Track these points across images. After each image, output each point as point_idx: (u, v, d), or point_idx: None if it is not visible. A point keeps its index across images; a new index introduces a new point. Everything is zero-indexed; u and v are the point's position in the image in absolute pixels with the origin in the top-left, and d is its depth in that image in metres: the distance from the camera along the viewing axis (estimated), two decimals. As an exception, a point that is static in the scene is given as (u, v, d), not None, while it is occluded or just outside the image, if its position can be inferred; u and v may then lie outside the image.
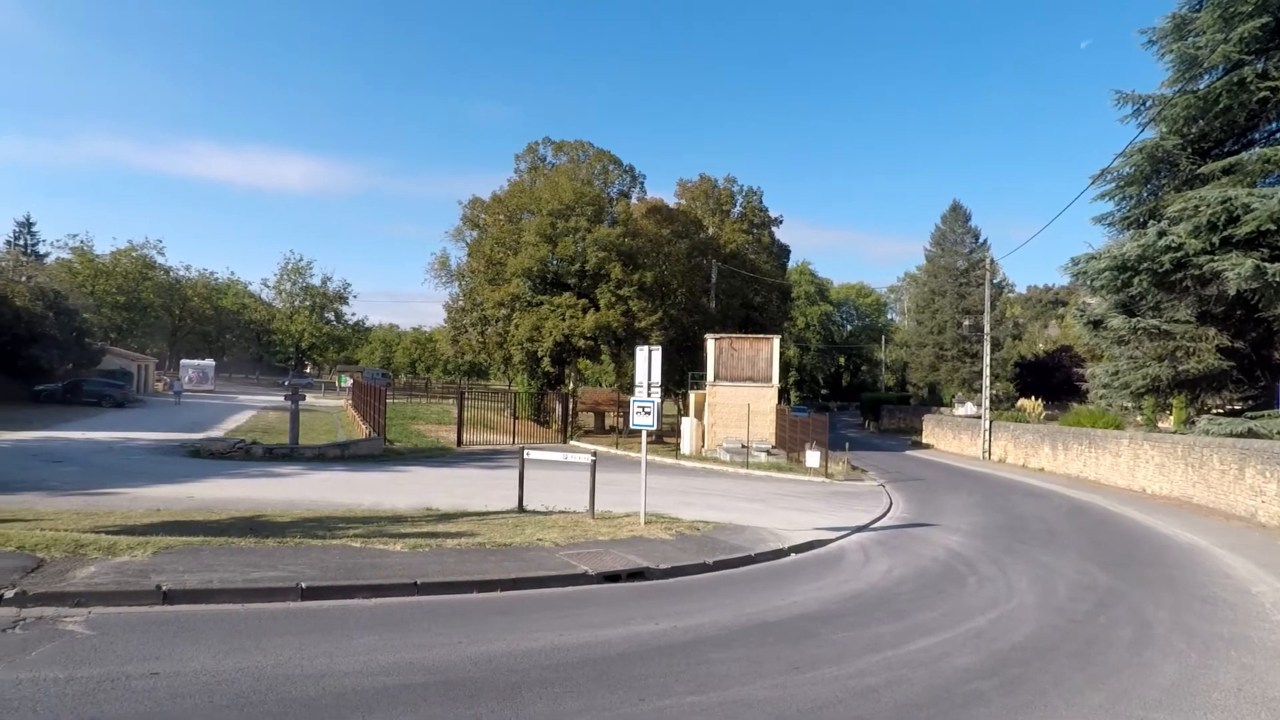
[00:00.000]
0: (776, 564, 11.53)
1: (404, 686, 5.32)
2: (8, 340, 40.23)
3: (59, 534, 8.86)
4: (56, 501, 13.23)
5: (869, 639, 7.48)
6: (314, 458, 23.15)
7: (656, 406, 13.16)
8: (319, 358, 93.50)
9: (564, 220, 36.93)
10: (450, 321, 42.55)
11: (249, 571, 7.81)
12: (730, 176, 50.53)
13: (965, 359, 54.49)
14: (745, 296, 47.44)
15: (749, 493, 20.50)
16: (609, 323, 35.76)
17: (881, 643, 7.34)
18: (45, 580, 6.86)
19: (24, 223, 62.92)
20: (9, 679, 4.77)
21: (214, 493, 15.39)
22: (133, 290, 68.67)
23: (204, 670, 5.30)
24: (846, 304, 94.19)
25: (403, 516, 13.06)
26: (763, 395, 31.92)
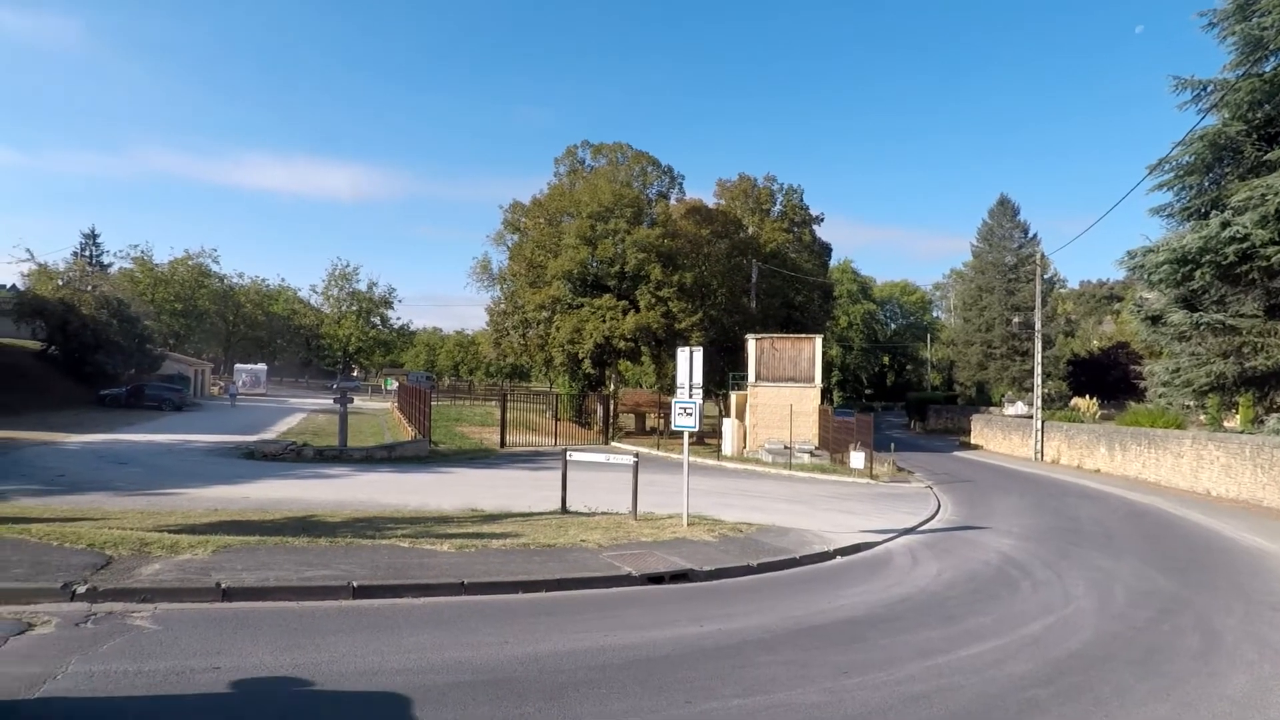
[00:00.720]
0: (822, 567, 11.39)
1: (453, 685, 5.40)
2: (76, 347, 42.17)
3: (126, 533, 9.23)
4: (122, 501, 13.79)
5: (918, 644, 7.33)
6: (362, 459, 23.68)
7: (698, 408, 13.12)
8: (365, 361, 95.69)
9: (603, 222, 37.10)
10: (492, 324, 43.12)
11: (303, 570, 8.03)
12: (770, 175, 50.14)
13: (1015, 357, 53.06)
14: (786, 296, 47.01)
15: (792, 494, 20.29)
16: (649, 324, 35.80)
17: (931, 648, 7.19)
18: (114, 577, 7.15)
19: (89, 235, 65.97)
20: (83, 671, 4.99)
21: (268, 493, 15.86)
22: (189, 297, 71.29)
23: (261, 666, 5.46)
24: (890, 302, 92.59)
25: (448, 517, 13.27)
26: (805, 396, 31.56)
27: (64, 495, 14.22)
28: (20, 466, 18.25)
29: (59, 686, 4.70)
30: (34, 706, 4.39)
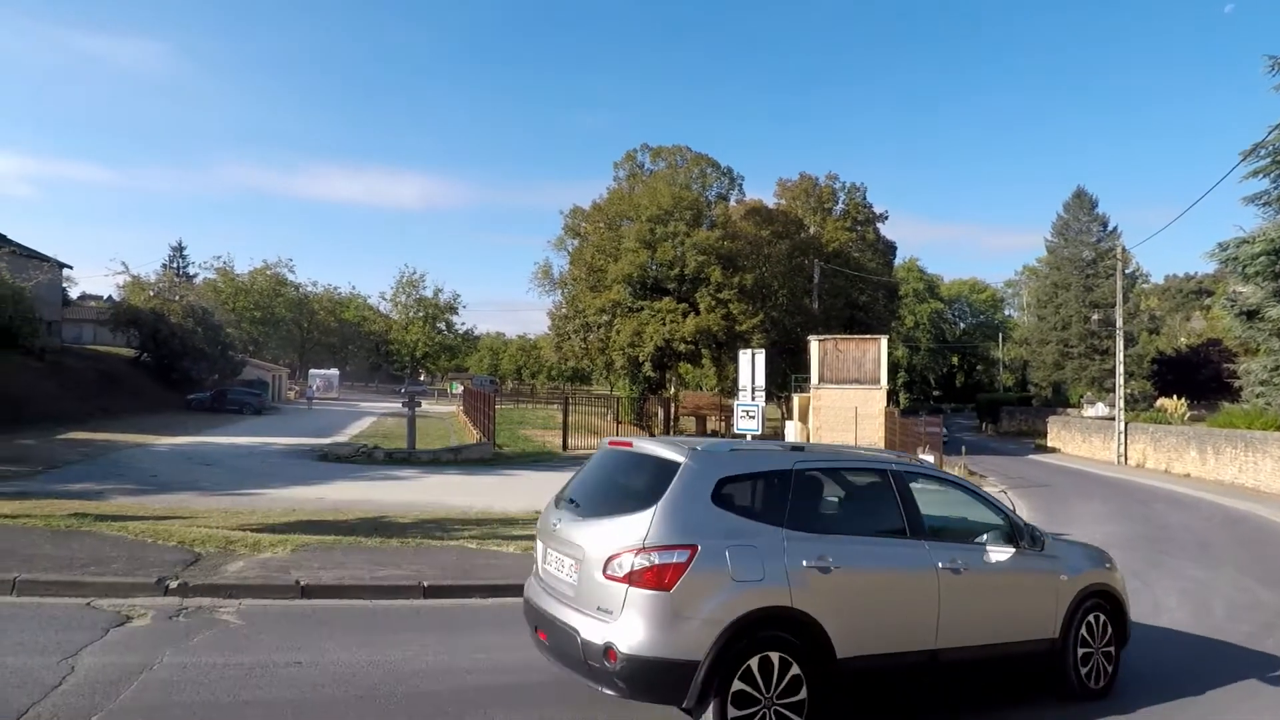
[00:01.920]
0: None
1: (521, 686, 5.46)
2: (165, 354, 44.72)
3: (212, 531, 9.71)
4: (208, 501, 14.52)
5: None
6: (429, 461, 24.29)
7: (761, 410, 12.99)
8: (432, 366, 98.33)
9: (663, 225, 37.16)
10: (554, 328, 43.70)
11: (376, 569, 8.27)
12: (832, 174, 49.37)
13: (1094, 356, 50.63)
14: (849, 296, 46.12)
15: (858, 498, 19.85)
16: (709, 326, 35.65)
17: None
18: (202, 573, 7.53)
19: (177, 247, 69.98)
20: (176, 663, 5.26)
21: (341, 494, 16.44)
22: (267, 306, 74.69)
23: (339, 662, 5.64)
24: (959, 301, 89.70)
25: (513, 519, 13.47)
26: (870, 397, 30.86)
27: (156, 494, 15.07)
28: (118, 467, 19.43)
29: (155, 677, 4.96)
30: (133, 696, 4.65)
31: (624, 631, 4.15)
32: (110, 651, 5.36)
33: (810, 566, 4.44)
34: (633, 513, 4.45)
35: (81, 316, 55.75)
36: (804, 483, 4.87)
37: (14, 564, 7.12)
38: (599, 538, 4.50)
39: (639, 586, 4.16)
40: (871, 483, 5.35)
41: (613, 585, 4.26)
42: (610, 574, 4.28)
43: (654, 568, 4.16)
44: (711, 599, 4.19)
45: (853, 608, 4.59)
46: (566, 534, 4.82)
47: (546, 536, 5.17)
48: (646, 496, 4.49)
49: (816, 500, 5.08)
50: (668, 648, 4.11)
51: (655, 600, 4.13)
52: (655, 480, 4.57)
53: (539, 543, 5.39)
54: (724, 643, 4.14)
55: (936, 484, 5.69)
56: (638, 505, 4.48)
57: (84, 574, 7.08)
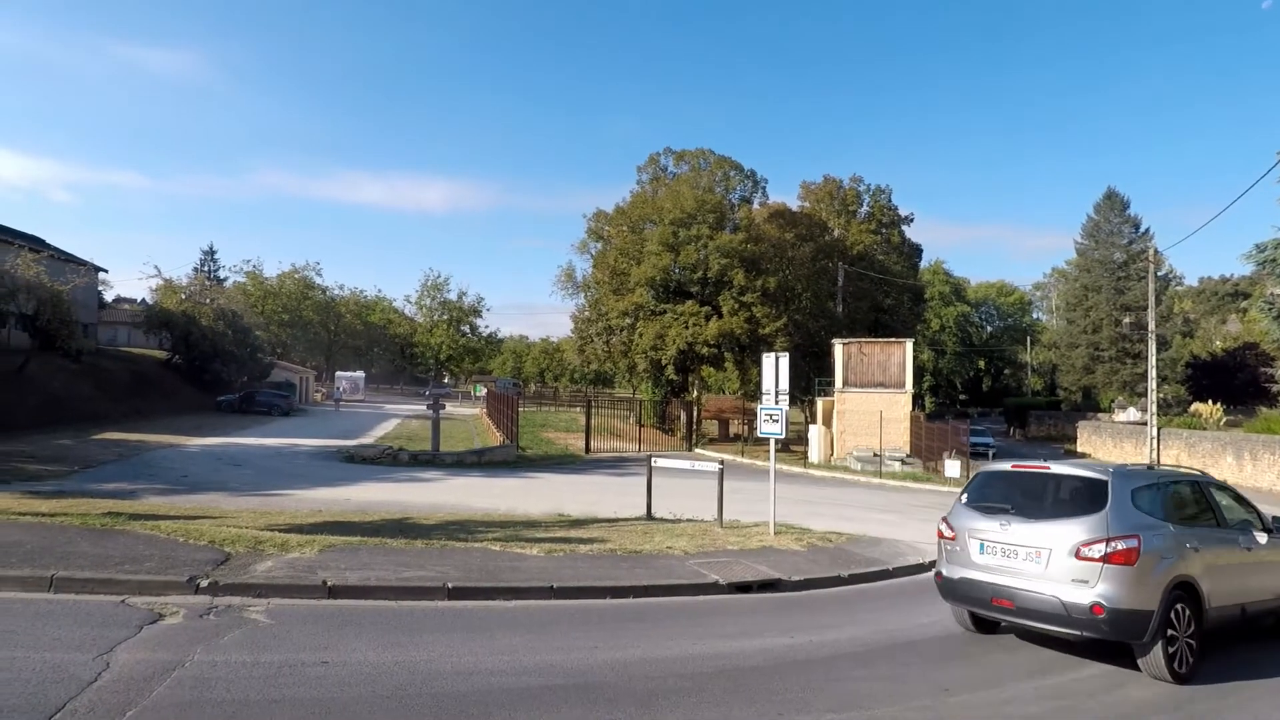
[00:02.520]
0: (917, 579, 10.93)
1: (545, 688, 5.47)
2: (196, 356, 45.56)
3: (241, 531, 9.86)
4: (237, 501, 14.75)
5: (1026, 663, 6.92)
6: (453, 463, 24.49)
7: (784, 414, 12.90)
8: (456, 368, 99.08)
9: (686, 228, 37.11)
10: (576, 331, 43.82)
11: (401, 571, 8.34)
12: (856, 176, 48.96)
13: (1125, 360, 49.67)
14: (874, 299, 45.69)
15: (883, 503, 19.65)
16: (732, 330, 35.52)
17: (1045, 668, 6.78)
18: (232, 573, 7.64)
19: (208, 251, 71.34)
20: (207, 660, 5.35)
21: (367, 495, 16.62)
22: (295, 309, 75.81)
23: (366, 662, 5.69)
24: (985, 304, 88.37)
25: (536, 521, 13.52)
26: (895, 401, 30.54)
27: (187, 494, 15.35)
28: (150, 467, 19.83)
29: (187, 674, 5.04)
30: (166, 692, 4.73)
31: (1106, 594, 6.11)
32: (144, 648, 5.46)
33: (1189, 548, 6.62)
34: (1086, 515, 6.48)
35: (116, 319, 57.04)
36: (1172, 492, 7.15)
37: (51, 561, 7.29)
38: (1064, 534, 6.46)
39: (1112, 563, 6.15)
40: (1193, 488, 7.48)
41: (1088, 564, 6.24)
42: (1085, 556, 6.25)
43: (1121, 551, 6.18)
44: (1155, 570, 6.26)
45: (1210, 576, 6.68)
46: (1020, 533, 6.72)
47: (979, 534, 7.02)
48: (1088, 504, 6.56)
49: (1177, 503, 7.11)
50: (1136, 603, 6.11)
51: (1125, 573, 6.15)
52: (1090, 492, 6.68)
53: (967, 540, 7.12)
54: (1165, 599, 6.20)
55: (1217, 489, 7.71)
56: (1084, 510, 6.54)
57: (118, 572, 7.22)
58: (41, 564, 7.16)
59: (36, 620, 5.88)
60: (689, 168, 42.41)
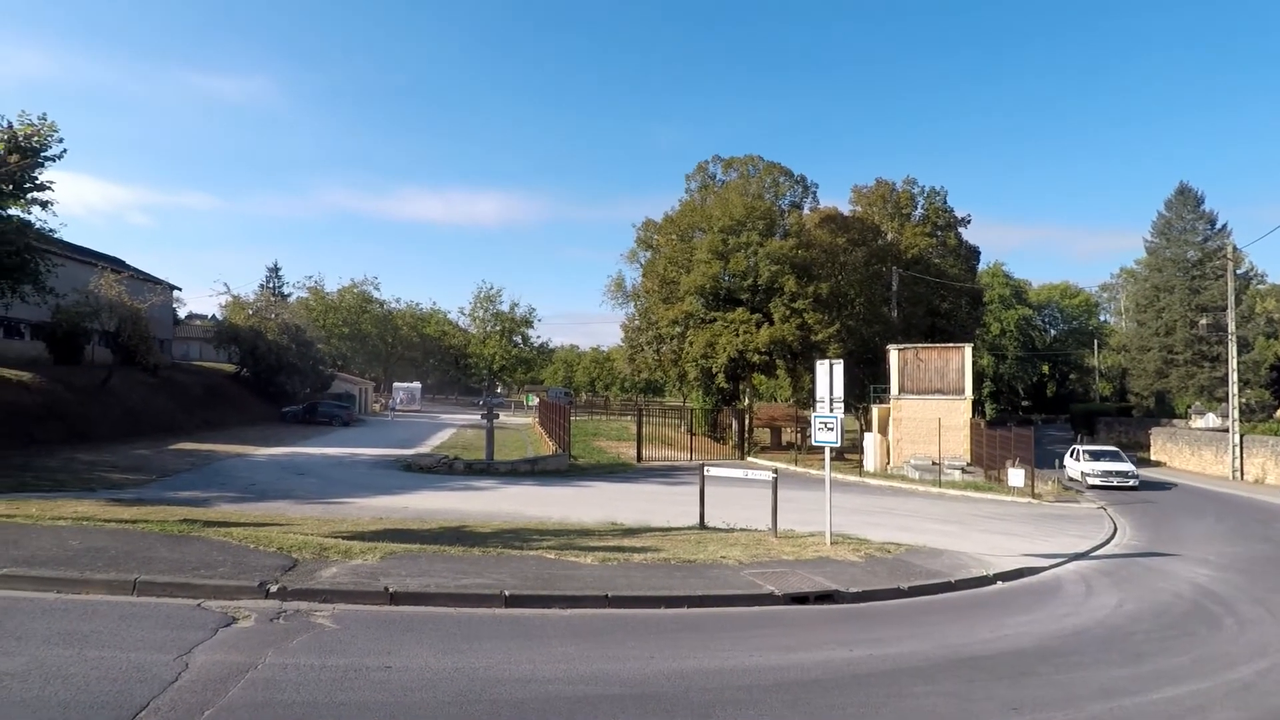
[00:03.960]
0: (980, 592, 10.61)
1: (602, 697, 5.49)
2: (263, 369, 47.37)
3: (307, 538, 10.20)
4: (302, 509, 15.24)
5: (1100, 682, 6.62)
6: (507, 472, 24.81)
7: (839, 422, 12.68)
8: (508, 378, 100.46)
9: (735, 236, 36.94)
10: (627, 340, 43.96)
11: (459, 578, 8.50)
12: (910, 178, 47.99)
13: (1203, 363, 47.25)
14: (930, 303, 44.62)
15: (943, 513, 19.11)
16: (784, 337, 35.13)
17: (1116, 688, 6.48)
18: (299, 578, 7.91)
19: (273, 268, 74.41)
20: (278, 663, 5.54)
21: (424, 503, 16.97)
22: (354, 322, 78.10)
23: (427, 667, 5.81)
24: (1049, 306, 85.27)
25: (590, 530, 13.60)
26: (954, 408, 29.71)
27: (255, 502, 15.94)
28: (220, 476, 20.67)
29: (260, 676, 5.24)
30: (241, 693, 4.92)
31: None
32: (219, 650, 5.70)
33: None
34: None
35: (189, 335, 59.80)
36: None
37: (134, 566, 7.67)
38: None
39: None
40: None
41: None
42: None
43: None
44: None
45: None
46: None
47: None
48: None
49: None
50: None
51: None
52: None
53: None
54: None
55: None
56: None
57: (194, 576, 7.55)
58: (125, 568, 7.54)
59: (121, 622, 6.19)
60: (738, 175, 42.25)
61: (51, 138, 12.18)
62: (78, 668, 5.04)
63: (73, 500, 14.05)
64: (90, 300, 32.01)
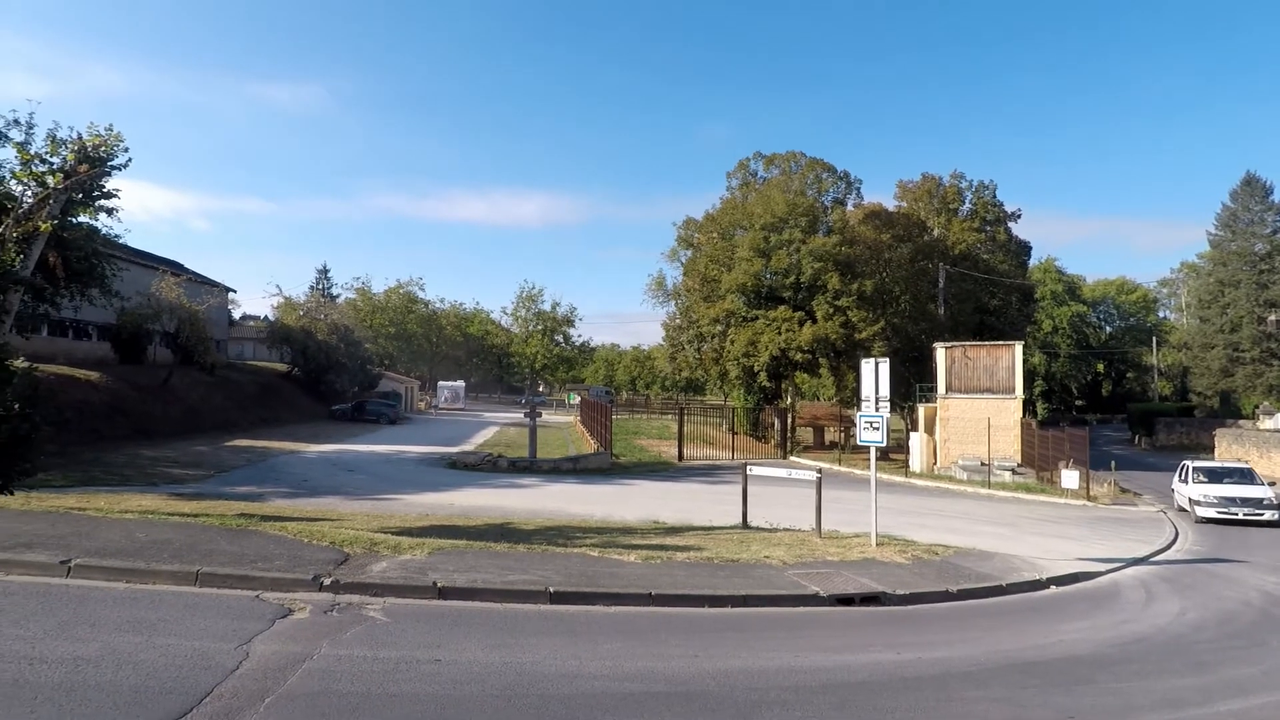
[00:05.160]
0: (1033, 596, 10.34)
1: (647, 694, 5.51)
2: (313, 368, 48.67)
3: (358, 533, 10.46)
4: (352, 504, 15.65)
5: (1163, 692, 6.40)
6: (550, 470, 25.05)
7: (885, 422, 12.49)
8: (550, 377, 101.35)
9: (777, 233, 36.63)
10: (668, 339, 43.97)
11: (505, 574, 8.62)
12: (957, 172, 46.96)
13: (1271, 361, 45.16)
14: (979, 300, 43.58)
15: (992, 515, 18.66)
16: (827, 335, 34.71)
17: (1179, 698, 6.25)
18: (351, 572, 8.12)
19: (322, 270, 76.47)
20: (332, 654, 5.70)
21: (469, 500, 17.25)
22: (400, 322, 79.71)
23: (475, 661, 5.91)
24: (1104, 303, 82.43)
25: (632, 528, 13.65)
26: (1004, 408, 28.98)
27: (307, 497, 16.41)
28: (275, 472, 21.33)
29: (316, 666, 5.40)
30: (298, 682, 5.08)
31: None
32: (277, 640, 5.89)
33: None
34: None
35: (243, 335, 61.78)
36: None
37: (196, 558, 7.97)
38: None
39: None
40: None
41: None
42: None
43: None
44: None
45: None
46: None
47: None
48: None
49: None
50: None
51: None
52: None
53: None
54: None
55: None
56: None
57: (252, 569, 7.81)
58: (188, 560, 7.84)
59: (185, 611, 6.44)
60: (779, 171, 41.87)
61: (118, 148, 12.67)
62: (147, 654, 5.26)
63: (137, 494, 14.66)
64: (152, 303, 33.35)
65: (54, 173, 12.32)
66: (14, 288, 12.54)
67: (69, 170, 12.24)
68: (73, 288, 22.12)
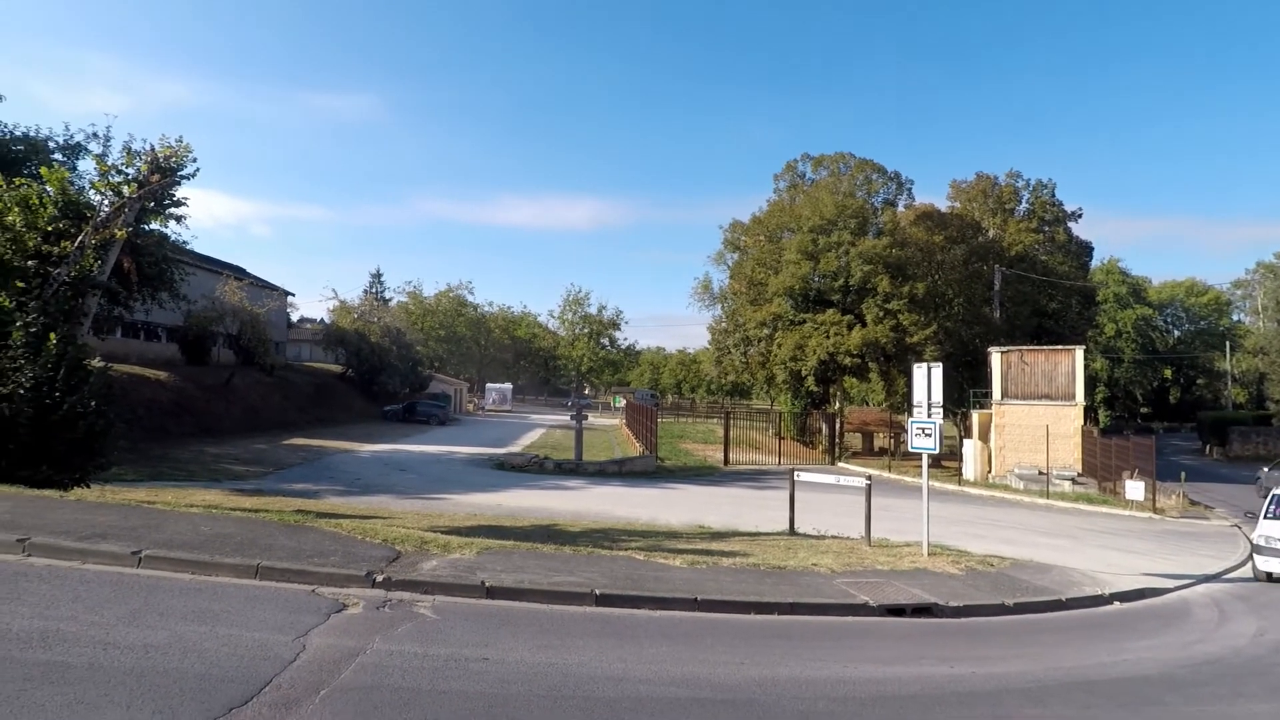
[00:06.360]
0: (1094, 612, 9.95)
1: (694, 700, 5.48)
2: (366, 370, 49.98)
3: (409, 531, 10.68)
4: (403, 503, 16.00)
5: (1237, 718, 6.08)
6: (595, 473, 25.18)
7: (938, 428, 12.19)
8: (596, 380, 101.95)
9: (825, 235, 36.15)
10: (713, 343, 43.78)
11: (551, 575, 8.68)
12: (1013, 171, 45.62)
13: (1356, 368, 42.51)
14: (1036, 303, 42.21)
15: (1051, 526, 18.03)
16: (876, 339, 34.08)
17: (1256, 724, 5.93)
18: (402, 569, 8.29)
19: (375, 274, 78.40)
20: (385, 650, 5.83)
21: (516, 501, 17.46)
22: (450, 325, 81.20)
23: (522, 661, 5.97)
24: (1172, 305, 78.92)
25: (677, 533, 13.62)
26: (1063, 415, 28.00)
27: (360, 496, 16.85)
28: (330, 470, 21.96)
29: (369, 661, 5.52)
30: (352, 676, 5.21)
31: None
32: (332, 634, 6.05)
33: None
34: None
35: (301, 337, 63.83)
36: None
37: (256, 552, 8.24)
38: None
39: None
40: None
41: None
42: None
43: None
44: None
45: None
46: None
47: None
48: None
49: None
50: None
51: None
52: None
53: None
54: None
55: None
56: None
57: (309, 564, 8.04)
58: (249, 554, 8.12)
59: (247, 603, 6.67)
60: (828, 173, 41.33)
61: (187, 158, 13.28)
62: (211, 644, 5.46)
63: (201, 489, 15.28)
64: (216, 306, 34.73)
65: (129, 182, 12.97)
66: (92, 291, 13.20)
67: (143, 180, 12.85)
68: (144, 291, 23.15)
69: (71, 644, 5.13)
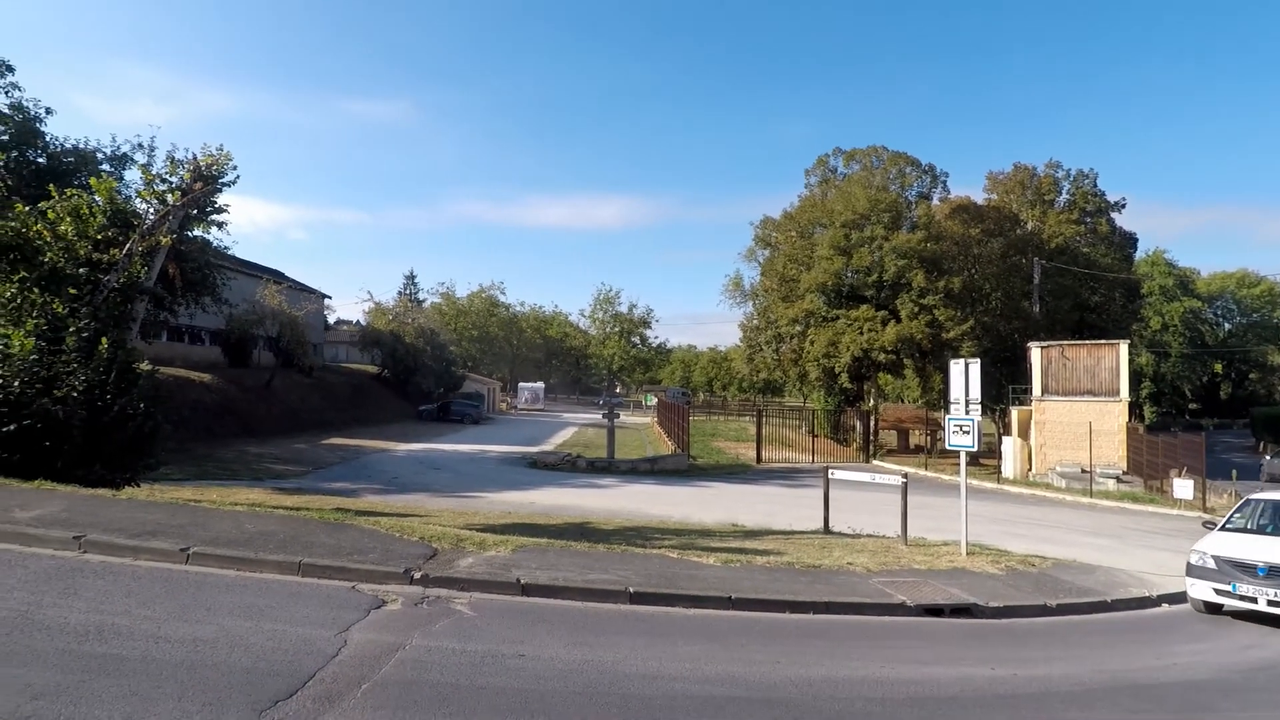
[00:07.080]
0: (1142, 614, 9.70)
1: (729, 699, 5.47)
2: (401, 370, 50.75)
3: (445, 529, 10.82)
4: (438, 501, 16.22)
5: (1294, 724, 5.87)
6: (627, 471, 25.24)
7: (976, 425, 11.97)
8: (627, 378, 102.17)
9: (858, 230, 35.72)
10: (745, 340, 43.55)
11: (585, 573, 8.73)
12: (1053, 161, 44.56)
13: None
14: (1078, 296, 41.20)
15: (1094, 526, 17.60)
16: (911, 334, 33.57)
17: (1315, 731, 5.71)
18: (439, 567, 8.41)
19: (409, 276, 79.68)
20: (423, 645, 5.93)
21: (549, 499, 17.58)
22: (482, 325, 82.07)
23: (558, 658, 6.02)
24: (1222, 298, 76.36)
25: (710, 531, 13.58)
26: (1107, 411, 27.29)
27: (397, 494, 17.12)
28: (367, 469, 22.36)
29: (408, 656, 5.62)
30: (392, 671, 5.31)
31: None
32: (372, 630, 6.17)
33: None
34: None
35: (337, 339, 65.07)
36: None
37: (298, 550, 8.44)
38: None
39: None
40: None
41: None
42: None
43: None
44: None
45: None
46: None
47: None
48: None
49: None
50: None
51: None
52: None
53: None
54: None
55: None
56: None
57: (349, 561, 8.20)
58: (291, 551, 8.31)
59: (290, 599, 6.83)
60: (860, 167, 40.79)
61: (227, 166, 13.63)
62: (256, 638, 5.61)
63: (245, 488, 15.67)
64: (256, 309, 35.59)
65: (173, 190, 13.35)
66: (140, 297, 13.62)
67: (186, 188, 13.23)
68: (189, 296, 23.88)
69: (125, 638, 5.31)
